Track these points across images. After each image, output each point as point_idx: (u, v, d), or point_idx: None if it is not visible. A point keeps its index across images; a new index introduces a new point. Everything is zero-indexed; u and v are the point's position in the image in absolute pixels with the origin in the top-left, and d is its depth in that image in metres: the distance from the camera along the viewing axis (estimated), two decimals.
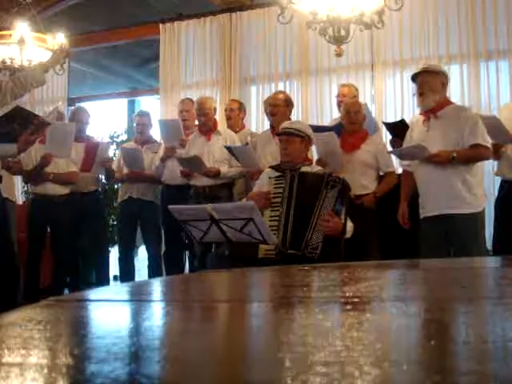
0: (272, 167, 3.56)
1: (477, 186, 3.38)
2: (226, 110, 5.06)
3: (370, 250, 3.82)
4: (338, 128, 4.28)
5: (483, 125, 3.35)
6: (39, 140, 5.30)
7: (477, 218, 3.34)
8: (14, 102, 3.30)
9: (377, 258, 3.64)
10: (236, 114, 5.02)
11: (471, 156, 3.32)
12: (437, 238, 3.39)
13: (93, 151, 4.88)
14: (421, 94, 3.41)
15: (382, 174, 4.17)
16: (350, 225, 3.25)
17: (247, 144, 4.51)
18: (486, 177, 4.56)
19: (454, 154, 3.27)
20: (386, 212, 3.95)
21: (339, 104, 4.75)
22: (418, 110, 4.55)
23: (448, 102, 3.49)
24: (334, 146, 3.97)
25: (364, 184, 3.98)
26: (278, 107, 4.37)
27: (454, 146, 3.32)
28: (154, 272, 4.98)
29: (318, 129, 3.93)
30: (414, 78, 3.50)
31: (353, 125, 4.10)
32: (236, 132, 4.82)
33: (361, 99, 4.85)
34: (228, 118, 5.02)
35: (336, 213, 3.19)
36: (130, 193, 4.96)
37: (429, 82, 3.39)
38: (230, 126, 4.94)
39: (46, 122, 3.49)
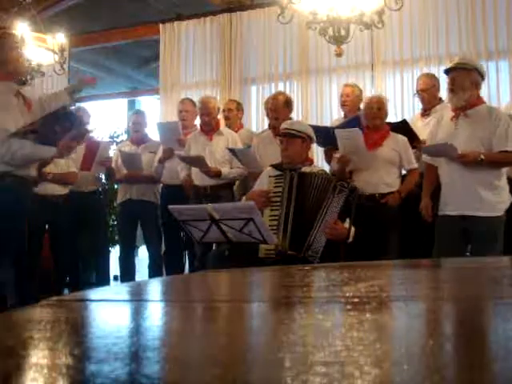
0: (272, 165, 3.56)
1: (501, 189, 3.31)
2: (224, 111, 5.05)
3: (389, 248, 3.79)
4: (354, 121, 4.23)
5: None
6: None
7: (497, 221, 3.28)
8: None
9: (395, 257, 3.61)
10: (234, 114, 5.03)
11: (499, 161, 3.25)
12: (454, 237, 3.33)
13: (93, 150, 4.88)
14: (451, 90, 3.33)
15: (404, 171, 4.11)
16: (352, 230, 3.24)
17: (249, 146, 4.51)
18: None
19: (483, 157, 3.19)
20: (407, 210, 3.90)
21: (343, 104, 4.74)
22: (418, 110, 4.57)
23: (480, 101, 3.38)
24: (357, 142, 3.86)
25: (388, 182, 3.92)
26: (279, 111, 4.35)
27: (481, 147, 3.25)
28: (154, 272, 4.98)
29: (317, 129, 3.91)
30: (447, 71, 3.39)
31: (375, 120, 3.99)
32: (235, 132, 4.83)
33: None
34: (226, 118, 5.02)
35: (341, 218, 3.17)
36: (129, 194, 4.96)
37: (459, 79, 3.29)
38: (228, 126, 4.94)
39: (87, 130, 3.46)
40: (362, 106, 4.73)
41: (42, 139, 3.06)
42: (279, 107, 4.36)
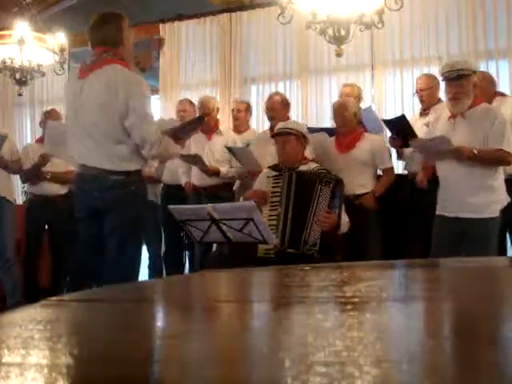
0: (270, 167, 3.58)
1: (497, 191, 3.31)
2: (233, 111, 5.05)
3: (371, 249, 3.81)
4: (330, 130, 4.28)
5: (509, 129, 3.26)
6: (37, 139, 5.31)
7: (490, 223, 3.28)
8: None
9: (378, 258, 3.63)
10: (243, 116, 5.02)
11: (492, 158, 3.24)
12: (450, 238, 3.34)
13: None
14: (455, 98, 3.29)
15: (380, 172, 4.15)
16: (345, 220, 3.27)
17: (248, 145, 4.52)
18: None
19: (475, 151, 3.18)
20: (387, 210, 3.93)
21: None
22: (417, 110, 4.57)
23: (478, 101, 3.36)
24: (325, 146, 3.95)
25: (362, 183, 3.93)
26: (276, 111, 4.37)
27: (477, 147, 3.23)
28: (154, 272, 4.98)
29: (315, 131, 3.93)
30: (449, 80, 3.34)
31: (341, 127, 4.03)
32: (241, 132, 4.84)
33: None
34: (235, 119, 5.01)
35: (332, 209, 3.21)
36: None
37: (463, 87, 3.26)
38: (236, 127, 4.95)
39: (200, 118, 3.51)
40: (362, 105, 4.75)
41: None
42: (275, 107, 4.38)
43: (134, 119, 2.77)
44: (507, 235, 4.05)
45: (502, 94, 4.12)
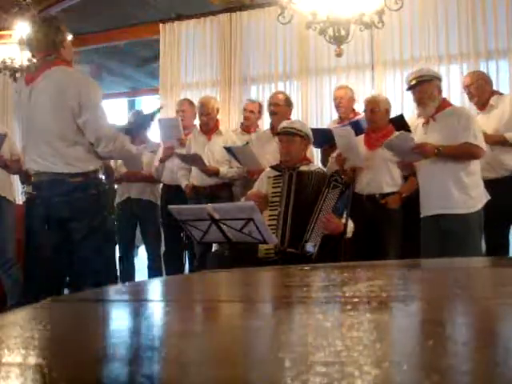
0: (271, 167, 3.58)
1: (472, 187, 3.38)
2: (245, 110, 5.02)
3: (389, 248, 3.79)
4: (354, 124, 4.25)
5: (476, 124, 3.41)
6: None
7: (470, 219, 3.35)
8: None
9: (396, 257, 3.63)
10: (255, 117, 5.01)
11: (458, 152, 3.33)
12: (432, 237, 3.41)
13: None
14: (420, 103, 3.47)
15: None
16: (350, 225, 3.26)
17: (247, 143, 4.52)
18: None
19: (440, 148, 3.30)
20: (409, 210, 3.90)
21: (337, 107, 4.77)
22: (417, 110, 4.57)
23: (446, 105, 3.52)
24: (350, 140, 3.89)
25: (389, 182, 3.90)
26: (279, 106, 4.38)
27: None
28: (153, 272, 4.98)
29: (313, 131, 3.91)
30: (410, 88, 3.53)
31: (370, 123, 4.03)
32: (250, 133, 4.84)
33: (361, 99, 4.84)
34: (246, 119, 4.99)
35: (337, 213, 3.20)
36: (128, 193, 4.96)
37: (426, 91, 3.44)
38: (246, 127, 4.96)
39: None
40: (355, 106, 4.76)
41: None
42: (279, 103, 4.39)
43: (87, 116, 2.76)
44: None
45: (499, 93, 4.14)
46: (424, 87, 3.45)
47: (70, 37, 3.10)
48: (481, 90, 4.02)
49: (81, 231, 2.87)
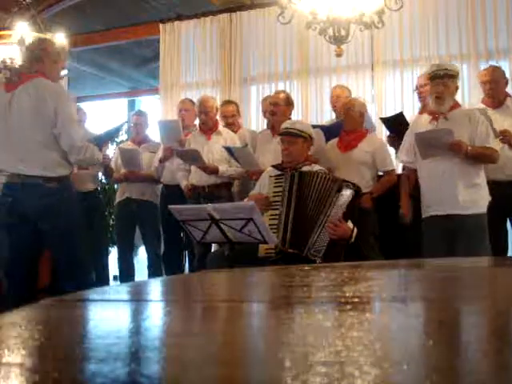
0: (273, 166, 3.56)
1: (482, 187, 3.38)
2: (224, 117, 4.93)
3: (367, 251, 3.79)
4: (338, 126, 4.28)
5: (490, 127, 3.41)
6: None
7: (482, 219, 3.33)
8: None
9: (374, 257, 3.63)
10: (235, 118, 5.00)
11: (483, 155, 3.34)
12: (440, 237, 3.37)
13: None
14: (439, 97, 3.39)
15: (381, 173, 4.14)
16: (355, 231, 3.24)
17: (246, 145, 4.51)
18: None
19: (469, 148, 3.28)
20: (385, 212, 3.92)
21: (334, 106, 4.78)
22: (417, 110, 4.57)
23: (457, 105, 3.51)
24: (319, 142, 3.96)
25: (361, 183, 3.93)
26: (279, 106, 4.36)
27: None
28: (153, 272, 4.98)
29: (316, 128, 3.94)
30: (435, 77, 3.43)
31: (347, 124, 4.06)
32: (235, 132, 4.81)
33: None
34: (230, 124, 4.92)
35: (345, 218, 3.17)
36: (128, 193, 4.96)
37: (449, 86, 3.38)
38: (230, 130, 4.94)
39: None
40: None
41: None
42: (279, 103, 4.37)
43: (61, 126, 3.01)
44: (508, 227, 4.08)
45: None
46: (448, 82, 3.39)
47: (64, 66, 3.58)
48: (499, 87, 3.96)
49: (53, 233, 3.08)
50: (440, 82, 3.38)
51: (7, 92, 3.10)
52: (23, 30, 5.11)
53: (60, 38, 5.34)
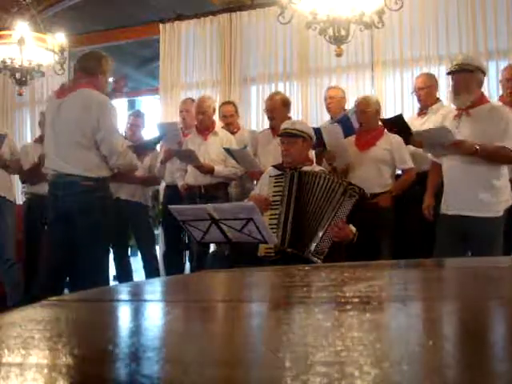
0: (274, 166, 3.57)
1: (500, 190, 3.28)
2: (224, 117, 4.97)
3: (382, 249, 3.78)
4: (343, 120, 4.26)
5: None
6: (35, 139, 5.31)
7: (496, 223, 3.25)
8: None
9: (389, 257, 3.61)
10: (234, 118, 5.00)
11: (494, 155, 3.19)
12: (453, 237, 3.31)
13: None
14: (456, 92, 3.31)
15: (399, 171, 4.09)
16: (357, 233, 3.24)
17: (246, 146, 4.51)
18: None
19: (477, 147, 3.16)
20: (401, 211, 3.89)
21: (328, 107, 4.79)
22: (417, 110, 4.57)
23: (483, 101, 3.36)
24: (338, 136, 3.91)
25: (380, 182, 3.91)
26: (276, 110, 4.36)
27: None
28: (148, 273, 4.95)
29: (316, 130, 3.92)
30: (451, 73, 3.38)
31: (362, 123, 4.04)
32: (234, 133, 4.81)
33: None
34: (228, 124, 4.93)
35: (348, 221, 3.17)
36: (118, 193, 4.93)
37: (464, 81, 3.27)
38: (229, 130, 4.95)
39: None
40: (347, 106, 4.78)
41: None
42: (276, 107, 4.37)
43: (103, 134, 3.24)
44: None
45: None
46: (462, 76, 3.28)
47: (110, 79, 3.81)
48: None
49: (83, 224, 3.28)
50: (454, 76, 3.32)
51: (57, 99, 3.38)
52: (23, 30, 5.10)
53: (60, 38, 5.33)
